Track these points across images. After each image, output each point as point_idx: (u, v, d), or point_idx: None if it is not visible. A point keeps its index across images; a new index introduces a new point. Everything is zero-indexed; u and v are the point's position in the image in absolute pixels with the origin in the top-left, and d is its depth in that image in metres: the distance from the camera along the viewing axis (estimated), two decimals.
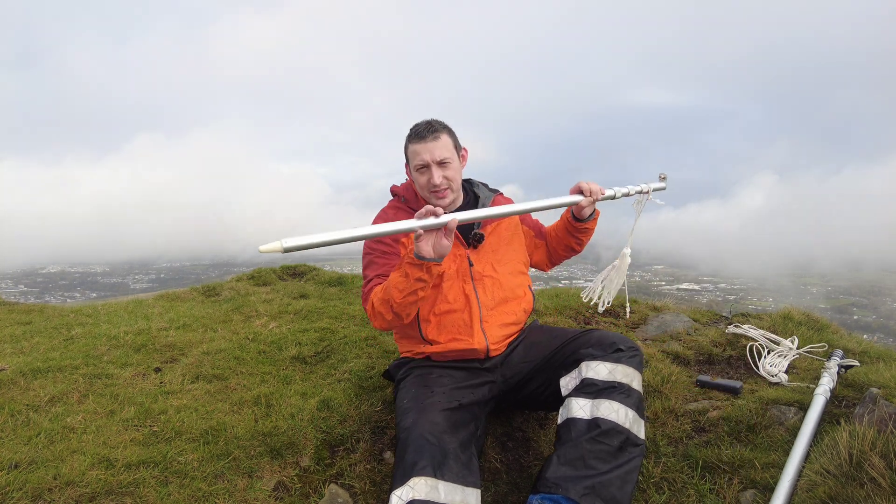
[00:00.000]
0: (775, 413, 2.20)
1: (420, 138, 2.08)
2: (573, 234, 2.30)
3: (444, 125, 2.13)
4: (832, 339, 3.02)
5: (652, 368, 2.66)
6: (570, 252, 2.39)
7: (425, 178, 2.09)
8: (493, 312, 2.11)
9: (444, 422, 1.78)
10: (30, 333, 3.55)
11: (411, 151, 2.11)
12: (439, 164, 2.07)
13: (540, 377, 2.05)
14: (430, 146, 2.06)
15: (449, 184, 2.10)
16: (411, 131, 2.12)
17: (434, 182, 2.06)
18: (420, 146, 2.07)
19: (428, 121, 2.12)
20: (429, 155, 2.06)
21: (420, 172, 2.10)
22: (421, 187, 2.12)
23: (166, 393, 2.56)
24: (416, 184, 2.15)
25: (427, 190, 2.10)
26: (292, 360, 3.02)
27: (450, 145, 2.11)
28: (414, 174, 2.12)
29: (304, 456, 2.12)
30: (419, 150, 2.07)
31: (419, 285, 1.89)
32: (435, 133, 2.08)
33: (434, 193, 2.09)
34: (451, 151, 2.10)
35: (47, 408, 2.39)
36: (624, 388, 1.84)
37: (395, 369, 2.23)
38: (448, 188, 2.10)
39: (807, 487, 1.74)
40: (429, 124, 2.10)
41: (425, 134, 2.08)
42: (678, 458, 2.08)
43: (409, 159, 2.13)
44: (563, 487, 1.66)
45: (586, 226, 2.27)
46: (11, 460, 1.94)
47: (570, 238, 2.32)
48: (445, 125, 2.14)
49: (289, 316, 3.92)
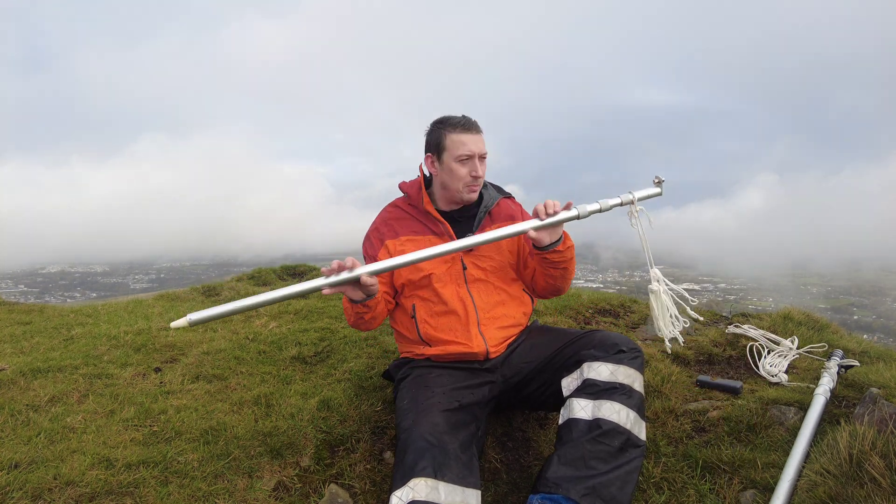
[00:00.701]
0: (775, 413, 2.20)
1: (467, 129, 2.10)
2: (541, 266, 2.09)
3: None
4: (832, 339, 3.02)
5: (652, 368, 2.66)
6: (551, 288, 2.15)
7: (466, 170, 2.09)
8: (489, 315, 2.11)
9: (444, 422, 1.78)
10: (30, 333, 3.55)
11: (455, 140, 2.08)
12: (481, 158, 2.11)
13: (541, 378, 2.04)
14: (476, 138, 2.10)
15: (482, 180, 2.16)
16: (451, 121, 2.11)
17: (478, 174, 2.10)
18: (468, 137, 2.09)
19: (465, 116, 2.14)
20: (476, 147, 2.09)
21: (462, 163, 2.09)
22: (457, 178, 2.11)
23: (166, 393, 2.56)
24: (450, 174, 2.11)
25: (463, 182, 2.11)
26: (292, 360, 3.02)
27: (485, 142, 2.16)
28: (451, 164, 2.10)
29: (304, 456, 2.12)
30: (467, 140, 2.08)
31: (361, 312, 1.99)
32: (478, 127, 2.13)
33: (469, 186, 2.12)
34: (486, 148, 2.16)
35: (47, 408, 2.39)
36: (625, 389, 1.84)
37: (395, 369, 2.22)
38: (479, 184, 2.15)
39: (807, 487, 1.74)
40: (470, 118, 2.13)
41: (471, 125, 2.11)
42: (678, 458, 2.08)
43: (449, 148, 2.09)
44: (564, 487, 1.66)
45: (548, 256, 2.01)
46: (11, 460, 1.94)
47: (543, 271, 2.11)
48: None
49: (289, 316, 3.92)
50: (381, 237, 2.20)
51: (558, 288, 2.16)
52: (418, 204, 2.20)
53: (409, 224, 2.20)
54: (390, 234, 2.19)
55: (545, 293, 2.21)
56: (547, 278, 2.11)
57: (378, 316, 2.07)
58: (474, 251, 2.15)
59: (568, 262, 2.07)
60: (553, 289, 2.16)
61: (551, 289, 2.16)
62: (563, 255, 2.03)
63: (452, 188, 2.14)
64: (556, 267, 2.06)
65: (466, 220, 2.21)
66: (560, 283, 2.13)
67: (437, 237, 2.16)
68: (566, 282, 2.15)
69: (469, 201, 2.17)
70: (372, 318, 2.04)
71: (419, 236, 2.17)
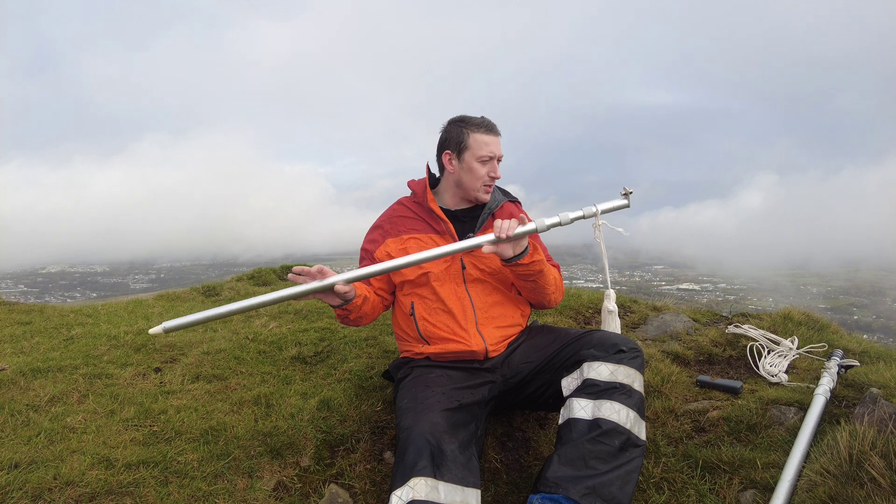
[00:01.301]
0: (775, 413, 2.20)
1: (490, 130, 2.17)
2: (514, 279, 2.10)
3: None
4: (832, 339, 3.02)
5: (652, 368, 2.66)
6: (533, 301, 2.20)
7: (486, 170, 2.16)
8: (487, 315, 2.12)
9: (444, 422, 1.78)
10: (30, 333, 3.55)
11: (479, 140, 2.15)
12: (498, 161, 2.19)
13: (541, 377, 2.04)
14: (497, 141, 2.18)
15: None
16: (474, 121, 2.18)
17: (497, 175, 2.18)
18: (490, 138, 2.16)
19: (485, 117, 2.20)
20: (497, 149, 2.17)
21: (482, 163, 2.15)
22: (476, 177, 2.16)
23: (166, 393, 2.56)
24: (468, 173, 2.17)
25: (481, 182, 2.17)
26: (292, 360, 3.02)
27: None
28: (472, 163, 2.15)
29: (304, 456, 2.12)
30: (489, 141, 2.15)
31: (343, 315, 2.05)
32: (498, 130, 2.20)
33: (485, 187, 2.18)
34: None
35: (47, 408, 2.39)
36: (625, 389, 1.84)
37: (395, 369, 2.23)
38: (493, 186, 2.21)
39: (807, 487, 1.74)
40: (491, 121, 2.19)
41: (494, 127, 2.18)
42: (678, 458, 2.08)
43: (472, 147, 2.15)
44: (564, 487, 1.66)
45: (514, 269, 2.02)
46: (11, 460, 1.94)
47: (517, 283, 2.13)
48: None
49: (289, 316, 3.93)
50: (384, 235, 2.24)
51: (539, 301, 2.20)
52: (423, 202, 2.23)
53: (412, 222, 2.23)
54: (393, 233, 2.22)
55: (534, 305, 2.27)
56: (523, 291, 2.16)
57: (365, 315, 2.10)
58: (475, 251, 2.16)
59: (536, 276, 2.05)
60: (535, 302, 2.22)
61: (534, 302, 2.22)
62: (527, 269, 2.02)
63: (470, 187, 2.18)
64: (526, 279, 2.07)
65: (470, 220, 2.24)
66: (537, 296, 2.15)
67: (438, 235, 2.18)
68: (544, 296, 2.15)
69: (483, 201, 2.22)
70: (358, 318, 2.08)
71: (421, 234, 2.19)
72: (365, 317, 2.11)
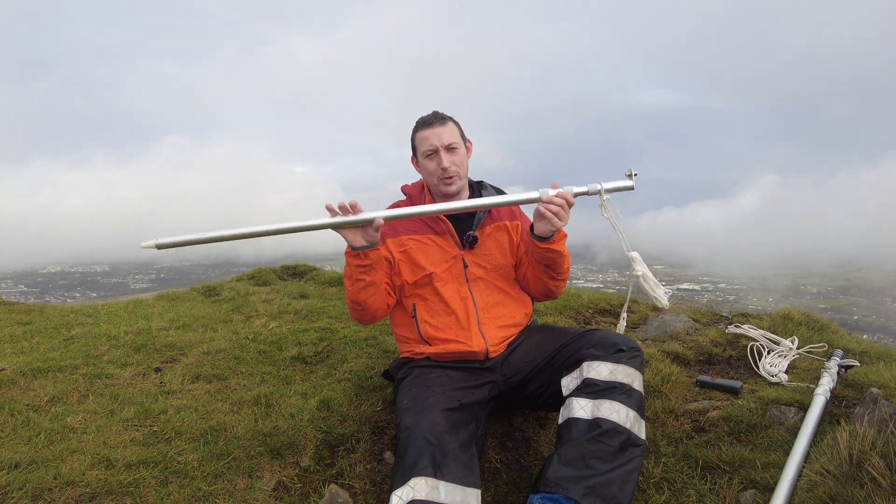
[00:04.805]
0: (775, 413, 2.20)
1: (427, 124, 2.12)
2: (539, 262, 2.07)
3: (450, 116, 2.16)
4: (832, 339, 3.02)
5: (652, 368, 2.66)
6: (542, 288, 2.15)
7: (434, 164, 2.10)
8: (490, 314, 2.12)
9: (444, 422, 1.78)
10: (30, 333, 3.55)
11: (419, 138, 2.13)
12: (447, 149, 2.09)
13: (541, 377, 2.04)
14: (437, 131, 2.10)
15: (457, 170, 2.11)
16: (418, 121, 2.16)
17: (443, 165, 2.08)
18: (428, 132, 2.10)
19: (434, 111, 2.15)
20: (437, 139, 2.09)
21: (429, 159, 2.11)
22: (429, 174, 2.13)
23: (166, 393, 2.56)
24: (425, 172, 2.16)
25: (436, 177, 2.11)
26: (292, 360, 3.02)
27: (457, 132, 2.14)
28: (422, 162, 2.14)
29: (304, 456, 2.12)
30: (427, 135, 2.11)
31: (359, 271, 1.97)
32: (442, 119, 2.12)
33: (443, 180, 2.11)
34: (458, 138, 2.13)
35: (47, 408, 2.39)
36: (625, 389, 1.84)
37: (395, 369, 2.23)
38: (456, 174, 2.11)
39: (807, 487, 1.74)
40: (435, 112, 2.14)
41: (432, 120, 2.12)
42: (678, 458, 2.08)
43: (417, 147, 2.15)
44: (564, 487, 1.66)
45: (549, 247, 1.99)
46: (11, 460, 1.94)
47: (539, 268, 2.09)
48: (451, 116, 2.17)
49: (289, 316, 3.92)
50: (383, 236, 2.21)
51: (548, 288, 2.15)
52: (420, 203, 2.21)
53: (410, 224, 2.21)
54: (391, 234, 2.20)
55: (538, 293, 2.21)
56: (539, 274, 2.11)
57: (377, 282, 2.03)
58: (475, 250, 2.16)
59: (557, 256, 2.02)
60: (544, 288, 2.16)
61: (543, 289, 2.16)
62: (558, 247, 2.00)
63: (431, 185, 2.18)
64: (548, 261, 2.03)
65: (467, 218, 2.23)
66: (552, 281, 2.11)
67: (437, 236, 2.17)
68: (555, 280, 2.12)
69: (448, 194, 2.13)
70: (371, 283, 2.00)
71: (420, 235, 2.18)
72: (377, 285, 2.02)
